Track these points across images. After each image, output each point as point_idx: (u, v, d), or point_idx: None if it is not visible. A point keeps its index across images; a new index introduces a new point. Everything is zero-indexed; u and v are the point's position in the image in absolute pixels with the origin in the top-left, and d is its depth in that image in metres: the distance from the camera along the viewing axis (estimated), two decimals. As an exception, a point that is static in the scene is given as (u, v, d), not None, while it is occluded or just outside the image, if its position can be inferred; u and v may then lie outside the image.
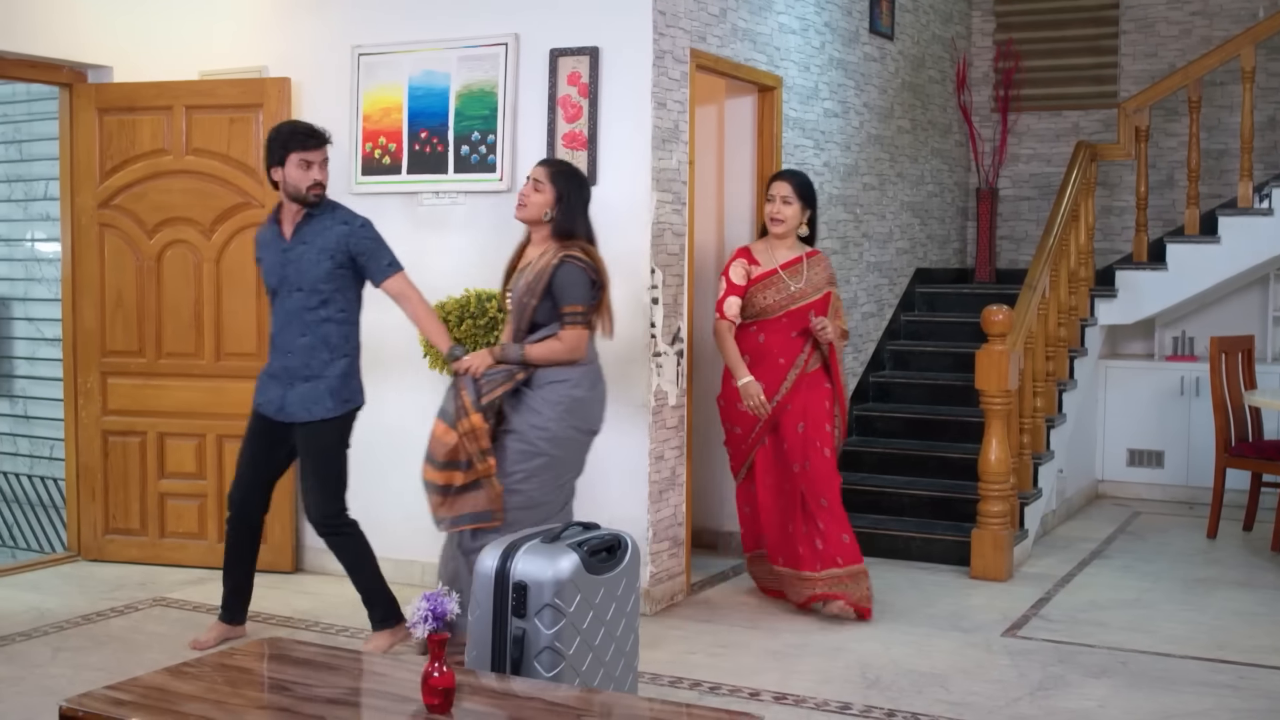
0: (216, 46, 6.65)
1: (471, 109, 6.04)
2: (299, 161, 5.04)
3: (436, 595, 3.23)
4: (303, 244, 5.12)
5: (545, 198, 4.93)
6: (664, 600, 5.90)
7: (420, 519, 6.14)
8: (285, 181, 5.06)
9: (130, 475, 6.61)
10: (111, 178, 6.59)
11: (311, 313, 5.13)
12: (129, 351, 6.60)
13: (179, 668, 3.48)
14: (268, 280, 5.19)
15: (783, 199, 5.79)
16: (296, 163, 5.04)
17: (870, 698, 4.74)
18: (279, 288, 5.14)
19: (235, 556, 5.34)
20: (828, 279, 5.91)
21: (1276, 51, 8.87)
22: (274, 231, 5.18)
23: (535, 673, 3.80)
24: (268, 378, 5.22)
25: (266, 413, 5.21)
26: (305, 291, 5.12)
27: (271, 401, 5.19)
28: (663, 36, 5.76)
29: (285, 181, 5.06)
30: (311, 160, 5.06)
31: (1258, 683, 4.93)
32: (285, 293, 5.13)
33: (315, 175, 5.07)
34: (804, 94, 7.22)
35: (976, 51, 9.95)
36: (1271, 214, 8.03)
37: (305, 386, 5.16)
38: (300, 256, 5.11)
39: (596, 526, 4.21)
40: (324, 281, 5.12)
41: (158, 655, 5.01)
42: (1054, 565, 6.80)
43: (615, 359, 5.78)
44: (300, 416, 5.18)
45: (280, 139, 5.08)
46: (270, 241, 5.17)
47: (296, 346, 5.14)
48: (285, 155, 5.05)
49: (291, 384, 5.16)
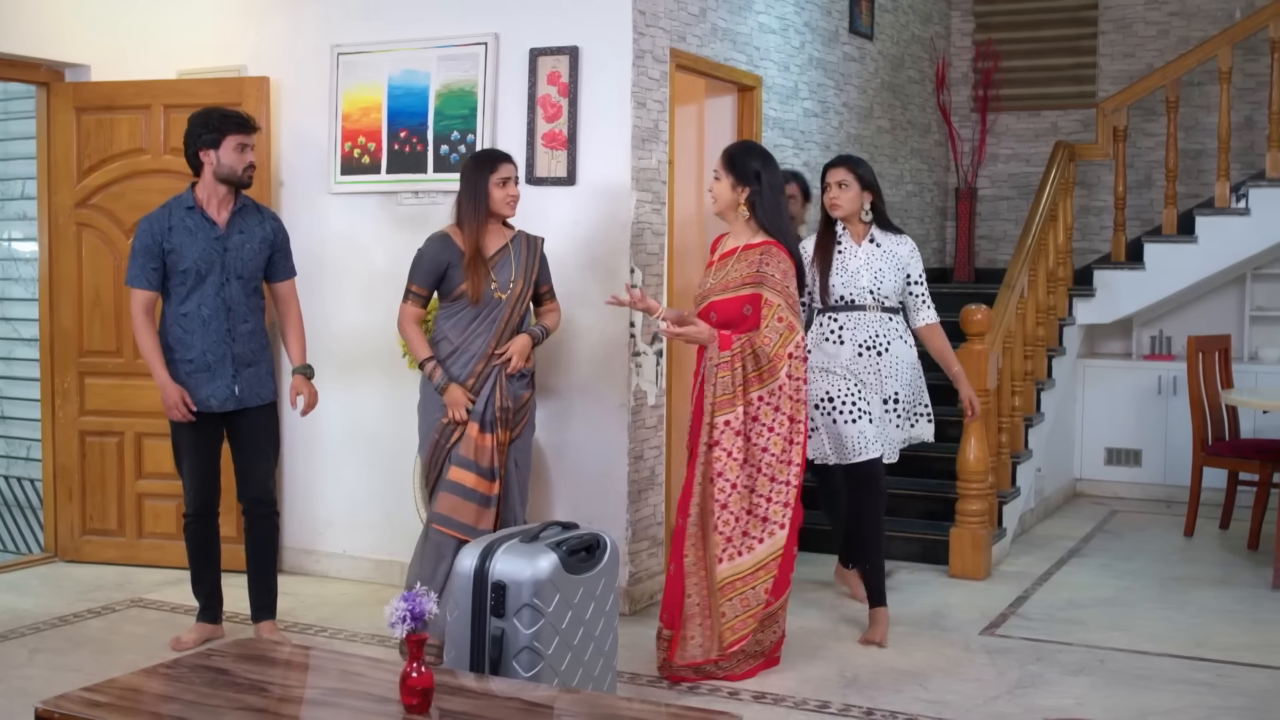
0: (195, 46, 6.62)
1: (451, 108, 6.03)
2: (236, 144, 5.11)
3: (414, 595, 3.22)
4: (240, 233, 5.18)
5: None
6: (643, 600, 5.91)
7: (400, 519, 6.16)
8: (219, 163, 5.10)
9: (108, 476, 6.58)
10: (89, 177, 6.56)
11: (249, 300, 5.23)
12: (106, 351, 6.57)
13: (156, 669, 3.47)
14: (186, 265, 5.08)
15: (714, 174, 5.08)
16: (234, 145, 5.11)
17: (849, 696, 4.75)
18: (208, 274, 5.11)
19: (209, 557, 5.33)
20: (747, 278, 4.92)
21: (1253, 52, 8.91)
22: (198, 218, 5.12)
23: (514, 672, 3.80)
24: (199, 371, 5.12)
25: (210, 407, 5.15)
26: (245, 279, 5.19)
27: (219, 393, 5.16)
28: (642, 36, 5.76)
29: (219, 163, 5.10)
30: (246, 143, 5.15)
31: (1235, 680, 4.95)
32: (220, 280, 5.13)
33: (249, 158, 5.16)
34: (784, 94, 7.23)
35: (956, 51, 9.98)
36: (1248, 214, 8.07)
37: (250, 372, 5.22)
38: (241, 246, 5.17)
39: (575, 526, 4.21)
40: (259, 270, 5.26)
41: (135, 656, 4.99)
42: (1032, 564, 6.82)
43: (594, 358, 5.79)
44: (253, 401, 5.24)
45: (214, 122, 5.12)
46: (195, 228, 5.11)
47: (241, 333, 5.19)
48: (221, 138, 5.09)
49: (238, 371, 5.18)
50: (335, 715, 3.24)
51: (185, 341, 5.13)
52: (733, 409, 4.83)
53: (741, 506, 4.84)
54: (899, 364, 5.42)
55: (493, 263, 5.14)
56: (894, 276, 5.43)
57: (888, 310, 5.43)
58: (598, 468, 5.78)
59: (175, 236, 5.10)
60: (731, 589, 4.84)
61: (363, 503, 6.32)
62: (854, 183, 5.41)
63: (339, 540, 6.41)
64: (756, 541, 4.86)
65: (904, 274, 5.48)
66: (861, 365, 5.37)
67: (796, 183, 6.67)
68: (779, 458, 4.86)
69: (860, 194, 5.43)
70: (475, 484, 5.07)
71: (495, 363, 5.10)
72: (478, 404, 5.08)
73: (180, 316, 5.13)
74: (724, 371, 4.82)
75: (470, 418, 5.07)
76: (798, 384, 4.88)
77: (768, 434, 4.85)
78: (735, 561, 4.84)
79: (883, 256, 5.44)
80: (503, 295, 5.12)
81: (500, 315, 5.12)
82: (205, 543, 5.32)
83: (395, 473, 6.17)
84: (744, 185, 4.96)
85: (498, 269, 5.14)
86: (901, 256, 5.48)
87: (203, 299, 5.12)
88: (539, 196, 5.82)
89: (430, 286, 5.18)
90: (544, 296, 5.33)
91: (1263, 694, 4.79)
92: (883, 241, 5.47)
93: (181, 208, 5.15)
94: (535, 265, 5.24)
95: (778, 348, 4.84)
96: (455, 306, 5.15)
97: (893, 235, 5.52)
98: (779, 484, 4.87)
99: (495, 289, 5.12)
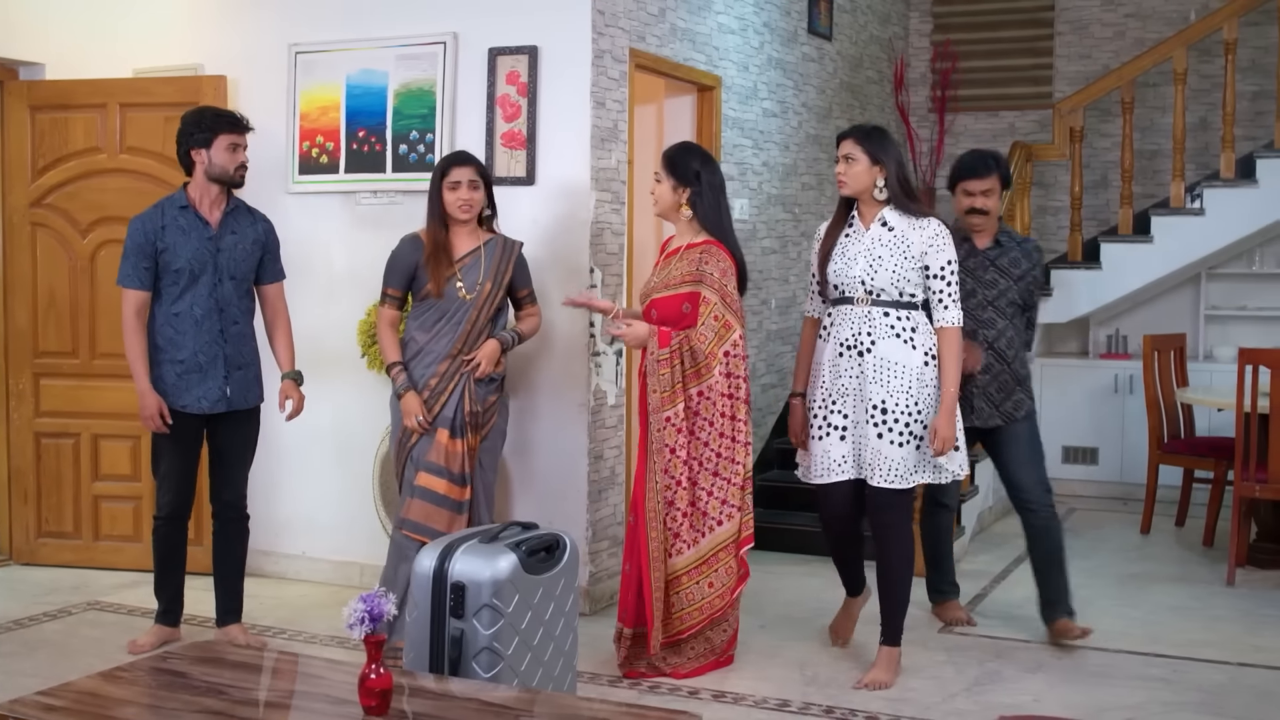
0: (151, 44, 6.57)
1: (410, 108, 6.01)
2: (228, 144, 5.08)
3: (373, 596, 3.21)
4: (232, 234, 5.14)
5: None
6: (603, 599, 5.91)
7: (360, 521, 6.14)
8: (210, 163, 5.07)
9: (64, 478, 6.52)
10: (44, 176, 6.51)
11: (241, 301, 5.19)
12: (62, 352, 6.51)
13: (113, 672, 3.44)
14: (179, 265, 5.04)
15: (655, 176, 5.08)
16: (226, 145, 5.07)
17: (809, 695, 4.76)
18: (201, 274, 5.07)
19: (177, 560, 5.26)
20: (687, 277, 4.93)
21: (1207, 54, 9.00)
22: (191, 217, 5.08)
23: (474, 673, 3.79)
24: (190, 372, 5.07)
25: (199, 409, 5.11)
26: (238, 280, 5.16)
27: (209, 394, 5.11)
28: (602, 36, 5.76)
29: (210, 163, 5.07)
30: (238, 143, 5.11)
31: (1190, 676, 4.99)
32: (213, 280, 5.09)
33: (241, 158, 5.13)
34: (743, 94, 7.25)
35: (914, 52, 10.02)
36: (1203, 214, 8.15)
37: (240, 374, 5.18)
38: (234, 246, 5.14)
39: (535, 526, 4.21)
40: (251, 272, 5.22)
41: (92, 660, 4.95)
42: (990, 562, 6.86)
43: (555, 359, 5.79)
44: (241, 404, 5.20)
45: (206, 121, 5.09)
46: (188, 228, 5.07)
47: (232, 334, 5.15)
48: (213, 137, 5.06)
49: (229, 373, 5.14)
50: (293, 717, 3.23)
51: (177, 341, 5.07)
52: (673, 405, 4.88)
53: (687, 501, 4.90)
54: (887, 367, 4.75)
55: (462, 264, 5.15)
56: (899, 265, 4.75)
57: (884, 304, 4.77)
58: (558, 468, 5.77)
59: (168, 236, 5.05)
60: (678, 583, 4.90)
61: (322, 504, 6.30)
62: (862, 156, 4.81)
63: (298, 542, 6.38)
64: (701, 535, 4.92)
65: (919, 263, 4.77)
66: (843, 367, 4.84)
67: (998, 171, 5.46)
68: (719, 454, 4.92)
69: (870, 169, 4.80)
70: (447, 490, 5.08)
71: (464, 368, 5.10)
72: (447, 409, 5.08)
73: (172, 316, 5.07)
74: (664, 369, 4.87)
75: (439, 424, 5.08)
76: (737, 382, 4.93)
77: (707, 429, 4.91)
78: (684, 555, 4.90)
79: (889, 242, 4.79)
80: (469, 296, 5.11)
81: (466, 317, 5.11)
82: (176, 546, 5.25)
83: (354, 474, 6.15)
84: (685, 186, 4.98)
85: (466, 270, 5.14)
86: (916, 243, 4.77)
87: (195, 299, 5.07)
88: (498, 196, 5.80)
89: (402, 287, 5.21)
90: (523, 301, 5.32)
91: (1218, 689, 4.83)
92: (896, 224, 4.81)
93: (174, 207, 5.10)
94: (508, 269, 5.21)
95: (712, 345, 4.88)
96: (423, 307, 5.17)
97: (911, 218, 4.81)
98: (720, 480, 4.92)
99: (461, 289, 5.11)
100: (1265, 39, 8.77)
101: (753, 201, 7.41)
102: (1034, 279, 5.55)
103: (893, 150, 4.85)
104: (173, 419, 5.06)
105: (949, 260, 4.79)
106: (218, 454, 5.25)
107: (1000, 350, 5.41)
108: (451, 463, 5.08)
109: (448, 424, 5.08)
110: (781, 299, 7.81)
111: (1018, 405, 5.44)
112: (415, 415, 5.08)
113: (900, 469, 4.77)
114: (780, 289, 7.80)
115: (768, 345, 7.63)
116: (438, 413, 5.09)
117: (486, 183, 5.23)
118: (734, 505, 4.93)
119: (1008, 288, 5.44)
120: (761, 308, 7.53)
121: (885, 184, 4.80)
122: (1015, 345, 5.46)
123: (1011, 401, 5.43)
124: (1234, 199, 8.13)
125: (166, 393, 5.07)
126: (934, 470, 4.84)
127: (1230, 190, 8.14)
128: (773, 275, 7.69)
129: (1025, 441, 5.46)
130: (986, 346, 5.39)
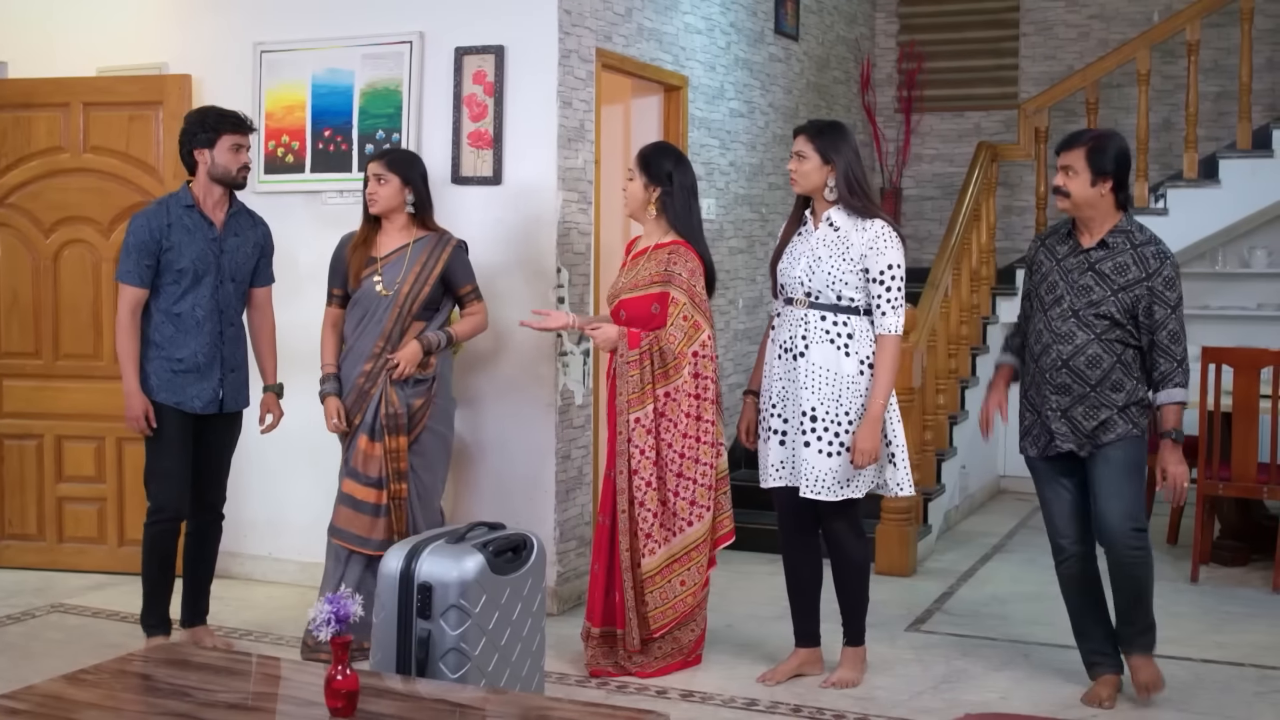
0: (115, 43, 6.53)
1: (376, 107, 5.99)
2: (232, 144, 5.02)
3: (338, 598, 3.20)
4: (235, 236, 5.11)
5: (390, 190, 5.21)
6: (571, 600, 5.90)
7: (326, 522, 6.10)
8: (213, 163, 5.00)
9: (27, 479, 6.47)
10: (6, 176, 6.45)
11: (238, 304, 5.18)
12: (25, 353, 6.46)
13: (76, 675, 3.42)
14: (183, 264, 4.96)
15: (627, 174, 5.10)
16: (229, 145, 5.01)
17: (776, 694, 4.77)
18: (204, 275, 5.01)
19: (172, 563, 5.11)
20: (655, 277, 4.92)
21: (1171, 55, 9.06)
22: (196, 217, 5.01)
23: (441, 674, 3.78)
24: (189, 371, 5.00)
25: (193, 409, 5.03)
26: (237, 283, 5.13)
27: (204, 394, 5.04)
28: (568, 35, 5.76)
29: (213, 163, 5.00)
30: (241, 144, 5.06)
31: (1153, 673, 5.02)
32: (215, 282, 5.03)
33: (244, 158, 5.08)
34: (710, 94, 7.25)
35: (880, 53, 10.06)
36: (1166, 214, 8.21)
37: (234, 376, 5.15)
38: (236, 249, 5.11)
39: (502, 526, 4.20)
40: (249, 275, 5.20)
41: (55, 663, 4.90)
42: (957, 560, 6.89)
43: (522, 359, 5.78)
44: (233, 406, 5.17)
45: (210, 121, 5.03)
46: (194, 228, 5.00)
47: (229, 336, 5.12)
48: (217, 137, 5.00)
49: (224, 375, 5.10)
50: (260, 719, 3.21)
51: (176, 341, 4.99)
52: (642, 407, 4.88)
53: (657, 501, 4.90)
54: (818, 372, 4.65)
55: (386, 260, 5.14)
56: (837, 268, 4.64)
57: (821, 307, 4.67)
58: (525, 468, 5.77)
59: (174, 234, 4.97)
60: (651, 583, 4.90)
61: (288, 505, 6.27)
62: (813, 154, 4.69)
63: (264, 543, 6.35)
64: (672, 535, 4.92)
65: (858, 266, 4.65)
66: (780, 370, 4.79)
67: (1085, 146, 4.58)
68: (685, 455, 4.91)
69: (821, 167, 4.68)
70: (364, 495, 5.12)
71: (386, 368, 5.08)
72: (366, 413, 5.10)
73: (174, 316, 4.99)
74: (633, 370, 4.87)
75: (361, 428, 5.11)
76: (706, 382, 4.93)
77: (671, 430, 4.91)
78: (656, 555, 4.89)
79: (831, 243, 4.68)
80: (387, 293, 5.10)
81: (387, 315, 5.10)
82: (173, 549, 5.10)
83: (321, 474, 6.12)
84: (656, 185, 4.98)
85: (388, 267, 5.13)
86: (856, 245, 4.64)
87: (198, 300, 5.01)
88: (464, 196, 5.81)
89: (340, 285, 5.26)
90: (465, 299, 5.27)
91: (1182, 686, 4.86)
92: (841, 225, 4.68)
93: (179, 205, 5.02)
94: (436, 266, 5.15)
95: (681, 345, 4.89)
96: (351, 303, 5.21)
97: (857, 218, 4.69)
98: (685, 480, 4.91)
99: (379, 286, 5.11)
100: (1228, 40, 8.84)
101: (719, 201, 7.42)
102: (1149, 292, 4.50)
103: (845, 148, 4.71)
104: (166, 416, 4.98)
105: (890, 264, 4.63)
106: (203, 455, 5.15)
107: (1078, 369, 4.57)
108: (369, 467, 5.10)
109: (367, 428, 5.11)
110: (749, 299, 7.83)
111: (1107, 427, 4.59)
112: (332, 418, 5.13)
113: (827, 480, 4.66)
114: (747, 289, 7.82)
115: (734, 345, 7.65)
116: (363, 415, 5.11)
117: (410, 178, 5.17)
118: (703, 506, 4.93)
119: (1103, 298, 4.53)
120: (729, 308, 7.54)
121: (834, 183, 4.69)
122: (1103, 365, 4.54)
123: (1100, 425, 4.59)
124: (1197, 199, 8.19)
125: (157, 389, 4.98)
126: (867, 484, 4.73)
127: (1193, 190, 8.20)
128: (740, 275, 7.71)
129: (1114, 469, 4.60)
130: (1061, 364, 4.59)
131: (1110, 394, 4.56)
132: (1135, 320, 4.52)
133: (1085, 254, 4.58)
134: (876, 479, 4.77)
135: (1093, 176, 4.50)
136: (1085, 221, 4.59)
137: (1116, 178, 4.51)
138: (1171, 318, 4.49)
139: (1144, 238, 4.55)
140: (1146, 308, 4.49)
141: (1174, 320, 4.50)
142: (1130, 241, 4.54)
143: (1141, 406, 4.60)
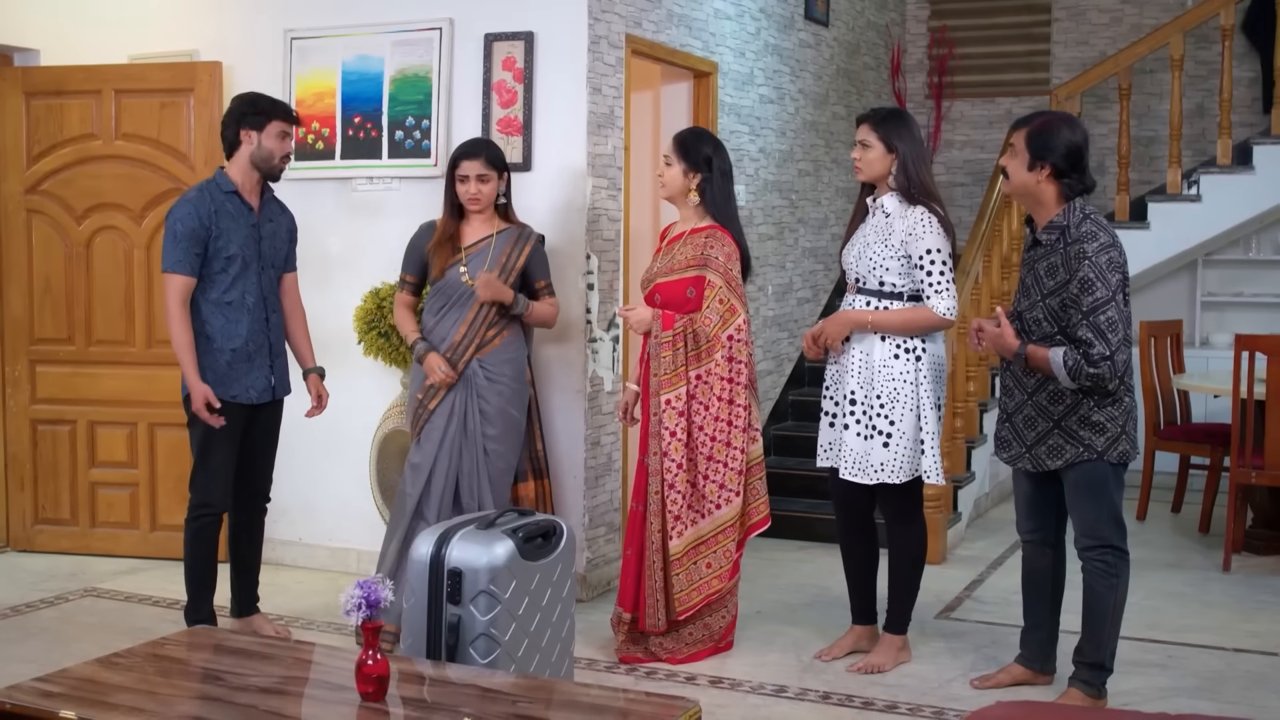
0: (147, 30, 6.56)
1: (406, 94, 6.00)
2: (279, 131, 4.98)
3: (369, 583, 3.21)
4: (270, 222, 5.10)
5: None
6: (600, 586, 5.91)
7: (356, 507, 6.14)
8: (259, 147, 4.94)
9: (60, 465, 6.52)
10: (39, 163, 6.49)
11: (276, 290, 5.15)
12: (58, 339, 6.51)
13: (109, 658, 3.44)
14: (232, 251, 4.91)
15: (665, 159, 5.08)
16: (277, 131, 4.97)
17: (806, 681, 4.77)
18: (251, 262, 4.97)
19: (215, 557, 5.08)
20: (692, 261, 4.92)
21: (1204, 40, 8.99)
22: (238, 203, 4.96)
23: (470, 659, 3.79)
24: (240, 361, 4.94)
25: (248, 399, 4.99)
26: (275, 269, 5.13)
27: (256, 384, 5.01)
28: (598, 21, 5.75)
29: (259, 147, 4.94)
30: (288, 132, 5.03)
31: (1186, 662, 5.00)
32: (258, 268, 5.01)
33: (288, 147, 5.05)
34: (739, 80, 7.23)
35: (911, 38, 10.01)
36: (1199, 200, 8.15)
37: (280, 363, 5.14)
38: (273, 235, 5.10)
39: (532, 512, 4.21)
40: (284, 261, 5.19)
41: (88, 646, 4.95)
42: (987, 548, 6.87)
43: (551, 345, 5.78)
44: (282, 393, 5.17)
45: (263, 105, 4.99)
46: (236, 214, 4.94)
47: (274, 324, 5.11)
48: (267, 121, 4.95)
49: (272, 362, 5.09)
50: (291, 704, 3.23)
51: (228, 331, 4.92)
52: (674, 388, 4.88)
53: (686, 484, 4.90)
54: (859, 357, 4.74)
55: (470, 251, 5.14)
56: (879, 254, 4.70)
57: (867, 293, 4.76)
58: (554, 454, 5.77)
59: (221, 221, 4.90)
60: (679, 564, 4.90)
61: (318, 490, 6.29)
62: (877, 142, 4.71)
63: (294, 528, 6.37)
64: (700, 517, 4.92)
65: (899, 252, 4.68)
66: (836, 354, 4.87)
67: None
68: (715, 438, 4.91)
69: (885, 155, 4.70)
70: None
71: (476, 281, 5.05)
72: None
73: (224, 305, 4.92)
74: (666, 351, 4.88)
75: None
76: (739, 366, 4.92)
77: (704, 412, 4.90)
78: (683, 537, 4.89)
79: (879, 230, 4.74)
80: (472, 282, 5.09)
81: (471, 303, 5.10)
82: (216, 541, 5.05)
83: (351, 460, 6.14)
84: (695, 171, 4.98)
85: (473, 257, 5.13)
86: (898, 231, 4.67)
87: (247, 287, 4.96)
88: (495, 183, 5.81)
89: (414, 273, 5.26)
90: (539, 293, 5.26)
91: (1213, 675, 4.84)
92: (892, 211, 4.72)
93: (220, 192, 4.94)
94: (519, 258, 5.18)
95: (717, 329, 4.88)
96: (433, 292, 5.20)
97: (904, 205, 4.70)
98: (715, 463, 4.91)
99: (465, 275, 5.10)
100: (1262, 25, 8.75)
101: (749, 188, 7.40)
102: (1071, 299, 4.21)
103: (908, 136, 4.71)
104: (221, 411, 4.88)
105: (930, 249, 4.61)
106: (252, 444, 5.10)
107: (1017, 373, 4.42)
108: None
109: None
110: (778, 285, 7.81)
111: (1053, 453, 4.35)
112: (439, 368, 5.05)
113: (861, 463, 4.73)
114: (777, 275, 7.80)
115: (764, 331, 7.63)
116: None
117: (502, 170, 5.19)
118: (732, 490, 4.92)
119: (1034, 303, 4.35)
120: (758, 294, 7.52)
121: (896, 170, 4.70)
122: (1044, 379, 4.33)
123: (1046, 447, 4.37)
124: (1231, 185, 8.13)
125: (212, 385, 4.87)
126: (905, 472, 4.71)
127: (1227, 177, 8.13)
128: (769, 262, 7.69)
129: (1074, 489, 4.39)
130: (1004, 368, 4.52)
131: (1048, 405, 4.34)
132: (1064, 329, 4.26)
133: (1030, 250, 4.44)
134: (915, 466, 4.74)
135: (1030, 160, 4.29)
136: (1031, 210, 4.42)
137: (1058, 166, 4.25)
138: (1089, 321, 4.14)
139: (1077, 234, 4.22)
140: (1066, 313, 4.23)
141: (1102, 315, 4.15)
142: (1065, 239, 4.25)
143: (1091, 426, 4.28)
